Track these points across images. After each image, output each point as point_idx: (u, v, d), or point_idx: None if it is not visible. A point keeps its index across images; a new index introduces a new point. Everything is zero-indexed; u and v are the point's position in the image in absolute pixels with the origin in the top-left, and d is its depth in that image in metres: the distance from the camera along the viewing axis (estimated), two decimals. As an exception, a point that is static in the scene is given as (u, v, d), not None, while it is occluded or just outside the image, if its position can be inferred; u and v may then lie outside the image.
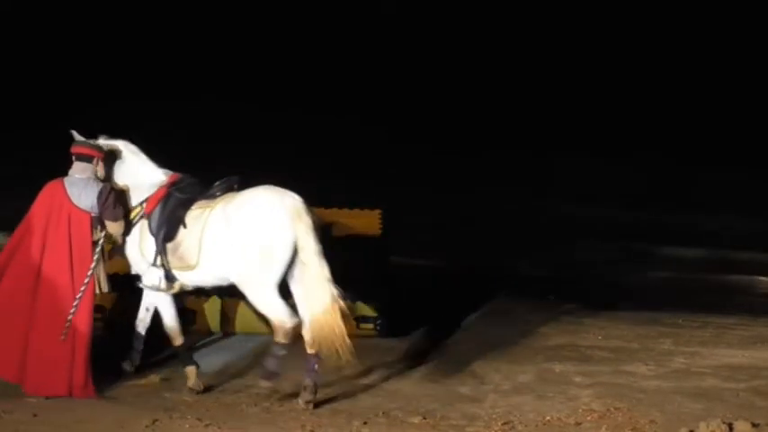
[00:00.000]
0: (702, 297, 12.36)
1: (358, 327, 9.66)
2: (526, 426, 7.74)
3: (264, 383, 8.08)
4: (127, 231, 8.25)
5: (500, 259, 13.64)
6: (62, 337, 7.91)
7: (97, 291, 8.15)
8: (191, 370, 8.32)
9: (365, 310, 9.66)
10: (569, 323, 10.68)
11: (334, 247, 8.35)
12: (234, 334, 9.65)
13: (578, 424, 7.78)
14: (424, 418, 7.83)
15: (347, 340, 7.89)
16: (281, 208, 8.01)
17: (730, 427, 7.46)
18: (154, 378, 8.49)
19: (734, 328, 10.65)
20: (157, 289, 8.25)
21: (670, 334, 10.28)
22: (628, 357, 9.49)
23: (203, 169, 8.60)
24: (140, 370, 8.61)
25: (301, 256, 7.99)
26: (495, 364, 9.20)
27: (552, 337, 10.12)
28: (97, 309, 9.28)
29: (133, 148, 8.43)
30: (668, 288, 13.03)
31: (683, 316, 11.13)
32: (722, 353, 9.70)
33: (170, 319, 8.41)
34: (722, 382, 8.82)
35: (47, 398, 7.87)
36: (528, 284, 12.59)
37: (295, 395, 8.19)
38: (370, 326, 9.68)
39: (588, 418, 7.90)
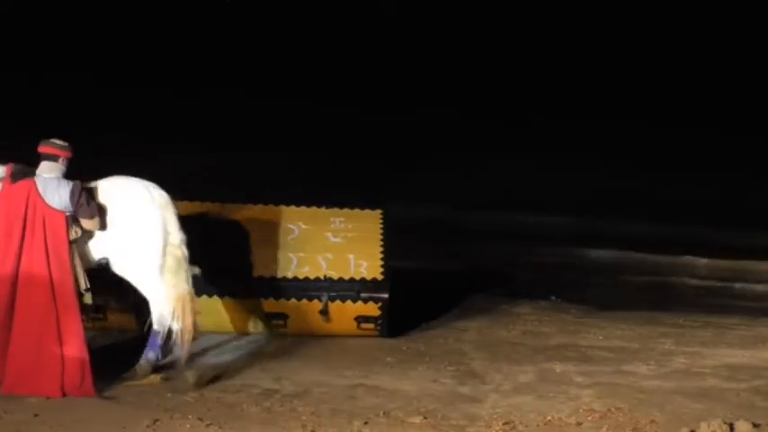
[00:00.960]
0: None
1: (358, 326, 9.68)
2: (527, 426, 7.74)
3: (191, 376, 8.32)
4: None
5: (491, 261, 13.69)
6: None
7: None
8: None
9: (366, 309, 9.66)
10: (569, 323, 10.69)
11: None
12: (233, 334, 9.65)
13: (579, 424, 7.78)
14: (425, 418, 7.83)
15: (190, 327, 8.40)
16: (149, 198, 8.31)
17: (731, 427, 7.46)
18: (154, 378, 8.48)
19: (734, 328, 10.66)
20: None
21: (671, 334, 10.29)
22: (628, 357, 9.49)
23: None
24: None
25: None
26: (496, 364, 9.20)
27: (553, 337, 10.12)
28: (97, 309, 9.38)
29: None
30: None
31: (684, 316, 11.14)
32: (723, 353, 9.71)
33: None
34: (723, 382, 8.83)
35: (47, 398, 7.87)
36: (528, 284, 12.61)
37: (296, 395, 8.20)
38: (371, 326, 9.68)
39: (589, 418, 7.90)
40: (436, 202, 16.34)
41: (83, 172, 8.30)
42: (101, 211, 8.23)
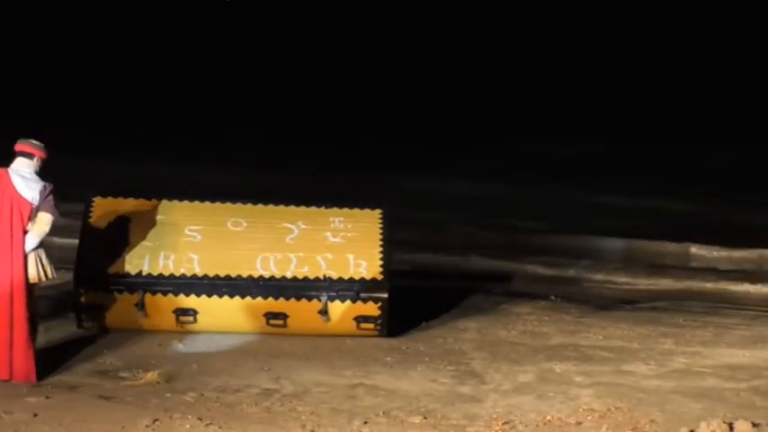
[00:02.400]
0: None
1: (358, 326, 9.68)
2: (527, 425, 7.75)
3: None
4: None
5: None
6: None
7: (45, 279, 8.40)
8: None
9: (366, 309, 9.65)
10: (569, 323, 10.67)
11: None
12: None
13: (579, 423, 7.79)
14: (425, 418, 7.83)
15: None
16: None
17: (731, 426, 7.47)
18: (153, 377, 8.49)
19: (734, 327, 10.64)
20: None
21: (671, 334, 10.28)
22: (628, 357, 9.49)
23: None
24: (141, 369, 8.61)
25: None
26: (496, 364, 9.20)
27: (552, 337, 10.12)
28: (97, 308, 9.40)
29: None
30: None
31: (684, 316, 11.14)
32: (723, 352, 9.70)
33: None
34: (723, 382, 8.83)
35: (47, 397, 7.88)
36: (528, 284, 12.60)
37: (296, 395, 8.21)
38: (371, 325, 9.68)
39: (589, 417, 7.91)
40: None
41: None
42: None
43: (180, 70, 23.99)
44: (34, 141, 8.50)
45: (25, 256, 8.24)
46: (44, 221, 8.32)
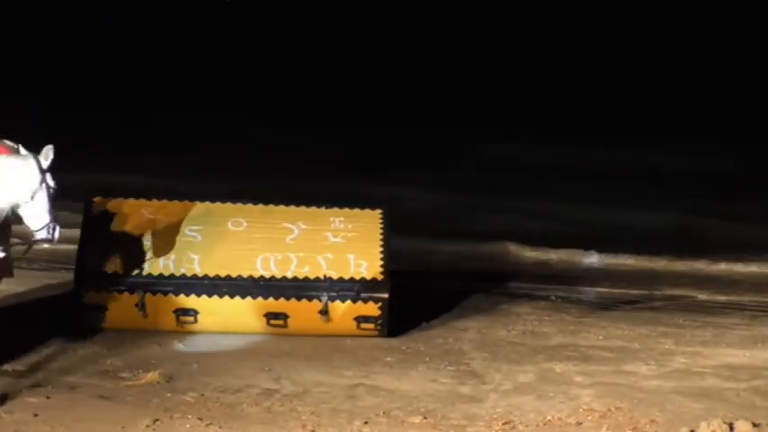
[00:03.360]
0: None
1: (358, 326, 9.68)
2: (527, 425, 7.74)
3: None
4: None
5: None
6: None
7: None
8: None
9: (366, 309, 9.65)
10: (569, 323, 10.68)
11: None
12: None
13: (579, 424, 7.79)
14: (425, 418, 7.83)
15: None
16: None
17: (731, 426, 7.47)
18: (153, 377, 8.48)
19: (735, 327, 10.66)
20: None
21: (671, 334, 10.29)
22: (628, 357, 9.49)
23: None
24: (141, 369, 8.61)
25: None
26: (496, 364, 9.20)
27: (552, 337, 10.12)
28: (97, 308, 9.40)
29: None
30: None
31: (684, 316, 11.15)
32: (723, 352, 9.71)
33: None
34: (723, 382, 8.83)
35: (47, 397, 7.88)
36: (528, 284, 12.61)
37: (296, 395, 8.21)
38: (371, 326, 9.68)
39: (589, 417, 7.91)
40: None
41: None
42: None
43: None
44: (8, 142, 8.28)
45: None
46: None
